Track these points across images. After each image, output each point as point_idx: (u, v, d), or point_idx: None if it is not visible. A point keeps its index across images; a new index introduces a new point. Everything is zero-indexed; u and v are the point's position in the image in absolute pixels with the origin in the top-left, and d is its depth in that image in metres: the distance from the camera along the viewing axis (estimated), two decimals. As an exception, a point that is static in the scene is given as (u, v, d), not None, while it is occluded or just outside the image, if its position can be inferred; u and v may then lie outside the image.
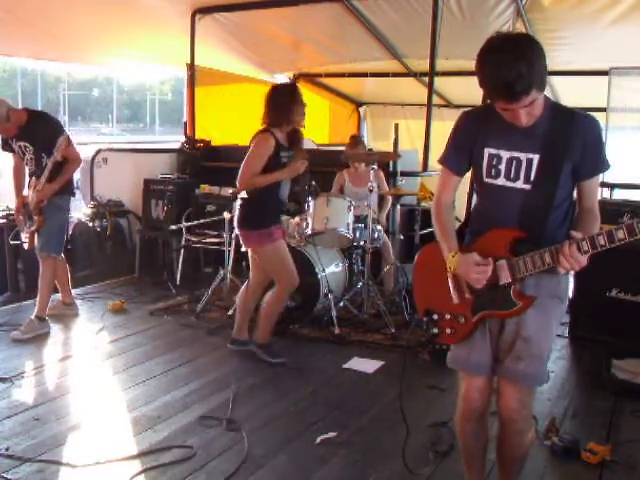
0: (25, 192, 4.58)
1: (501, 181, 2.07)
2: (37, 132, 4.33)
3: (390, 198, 5.30)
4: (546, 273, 2.01)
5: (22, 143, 4.40)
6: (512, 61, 1.79)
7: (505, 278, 2.04)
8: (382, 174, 5.35)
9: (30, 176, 4.50)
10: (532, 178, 2.01)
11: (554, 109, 2.00)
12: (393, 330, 4.48)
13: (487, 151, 2.08)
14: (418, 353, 4.09)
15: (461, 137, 2.16)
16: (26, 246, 4.59)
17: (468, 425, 2.29)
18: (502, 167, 2.06)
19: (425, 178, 6.58)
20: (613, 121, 5.60)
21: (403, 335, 4.42)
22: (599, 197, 4.88)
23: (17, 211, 4.54)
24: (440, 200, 2.24)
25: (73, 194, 4.67)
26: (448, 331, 2.21)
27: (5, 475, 2.63)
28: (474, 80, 1.89)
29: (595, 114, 2.10)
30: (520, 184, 2.04)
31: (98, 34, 6.45)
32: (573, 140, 1.96)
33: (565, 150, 1.97)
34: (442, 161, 2.22)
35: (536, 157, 2.00)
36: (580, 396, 3.68)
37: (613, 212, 4.22)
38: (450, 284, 2.15)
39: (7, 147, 4.55)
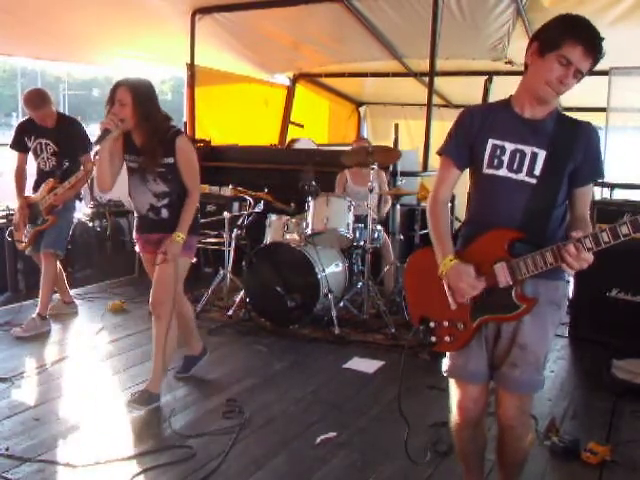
0: (27, 193, 4.60)
1: (503, 172, 2.02)
2: (68, 137, 4.46)
3: (390, 198, 5.30)
4: (544, 279, 1.98)
5: (45, 141, 4.48)
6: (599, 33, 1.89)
7: (505, 281, 1.96)
8: (383, 174, 5.35)
9: (45, 175, 4.53)
10: (538, 173, 1.99)
11: (560, 115, 2.04)
12: (393, 330, 4.47)
13: (491, 142, 2.04)
14: (418, 353, 4.09)
15: (463, 130, 2.10)
16: (22, 246, 4.60)
17: (464, 432, 2.26)
18: (505, 158, 2.02)
19: (425, 178, 6.58)
20: (613, 121, 5.58)
21: (404, 336, 4.42)
22: (599, 197, 4.89)
23: (19, 212, 4.53)
24: (437, 196, 2.15)
25: (80, 198, 4.83)
26: (447, 339, 2.12)
27: (5, 475, 2.63)
28: (474, 80, 1.90)
29: (595, 114, 2.11)
30: (522, 176, 2.00)
31: (98, 34, 6.44)
32: (577, 143, 1.98)
33: (569, 151, 1.98)
34: (442, 151, 2.14)
35: (542, 152, 1.99)
36: (580, 396, 3.68)
37: (613, 212, 4.22)
38: (446, 289, 2.06)
39: (17, 146, 4.56)
